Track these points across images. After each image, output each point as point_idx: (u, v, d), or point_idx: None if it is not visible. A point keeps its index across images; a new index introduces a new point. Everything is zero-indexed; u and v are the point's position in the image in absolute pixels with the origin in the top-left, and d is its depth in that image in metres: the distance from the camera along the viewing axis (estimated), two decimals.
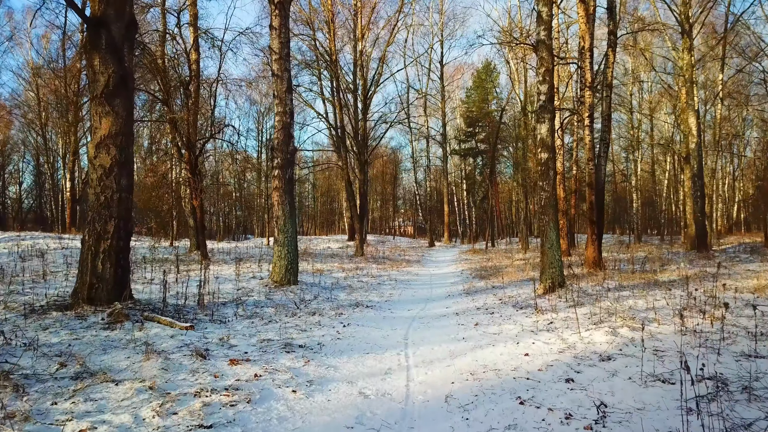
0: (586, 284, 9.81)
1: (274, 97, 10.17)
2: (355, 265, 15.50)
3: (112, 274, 6.42)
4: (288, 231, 10.08)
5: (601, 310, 6.96)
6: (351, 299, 9.00)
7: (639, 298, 8.09)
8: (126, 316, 5.92)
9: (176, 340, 5.09)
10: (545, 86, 9.34)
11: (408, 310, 8.24)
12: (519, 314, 7.16)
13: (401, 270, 15.61)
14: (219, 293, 8.75)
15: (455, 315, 7.45)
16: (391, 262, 18.18)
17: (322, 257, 18.05)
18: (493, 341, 5.51)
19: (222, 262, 14.65)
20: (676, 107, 33.09)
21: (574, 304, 7.59)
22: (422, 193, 38.75)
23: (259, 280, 10.55)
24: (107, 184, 6.44)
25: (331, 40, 18.94)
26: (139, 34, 14.63)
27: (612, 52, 14.13)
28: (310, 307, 7.64)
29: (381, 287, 11.30)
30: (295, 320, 6.58)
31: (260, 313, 6.94)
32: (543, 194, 9.35)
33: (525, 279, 11.64)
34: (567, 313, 6.89)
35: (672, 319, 6.29)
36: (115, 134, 6.47)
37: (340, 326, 6.35)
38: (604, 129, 14.35)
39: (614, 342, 5.19)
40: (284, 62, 10.06)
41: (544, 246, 9.25)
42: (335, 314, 7.13)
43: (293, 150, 10.30)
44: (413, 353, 5.13)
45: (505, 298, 9.07)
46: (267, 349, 4.92)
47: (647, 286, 9.38)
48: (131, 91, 6.82)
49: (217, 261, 14.87)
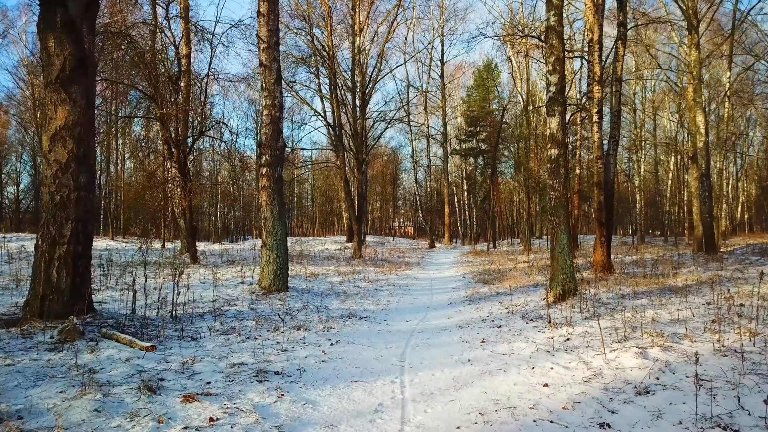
0: (597, 290, 8.97)
1: (262, 89, 9.33)
2: (351, 269, 14.65)
3: (69, 283, 5.57)
4: (277, 233, 9.24)
5: (622, 324, 6.12)
6: (343, 309, 8.15)
7: (659, 307, 7.26)
8: (80, 333, 5.08)
9: (130, 365, 4.25)
10: (555, 76, 8.49)
11: (406, 321, 7.39)
12: (530, 328, 6.31)
13: (400, 273, 14.76)
14: (200, 301, 7.92)
15: (458, 328, 6.60)
16: (389, 264, 17.34)
17: (319, 260, 17.21)
18: (504, 365, 4.66)
19: (212, 265, 13.81)
20: (681, 106, 32.29)
21: (590, 315, 6.74)
22: (422, 193, 37.89)
23: (248, 286, 9.71)
24: (63, 182, 5.59)
25: (329, 35, 18.11)
26: (126, 27, 13.82)
27: (622, 45, 13.28)
28: (297, 319, 6.79)
29: (378, 293, 10.45)
30: (277, 336, 5.73)
31: (239, 327, 6.09)
32: (552, 194, 8.50)
33: (531, 285, 10.79)
34: (584, 327, 6.04)
35: (704, 335, 5.46)
36: (73, 125, 5.63)
37: (327, 344, 5.50)
38: (614, 126, 13.50)
39: (648, 367, 4.34)
40: (273, 51, 9.22)
41: (554, 250, 8.40)
42: (323, 328, 6.28)
43: (282, 146, 9.47)
44: (410, 381, 4.28)
45: (512, 306, 8.22)
46: (235, 378, 4.07)
47: (663, 292, 8.56)
48: (92, 76, 5.98)
49: (206, 264, 14.02)
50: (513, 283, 11.18)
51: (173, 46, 14.01)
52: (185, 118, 15.01)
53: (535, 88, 31.69)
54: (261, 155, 9.32)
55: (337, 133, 17.49)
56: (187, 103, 14.75)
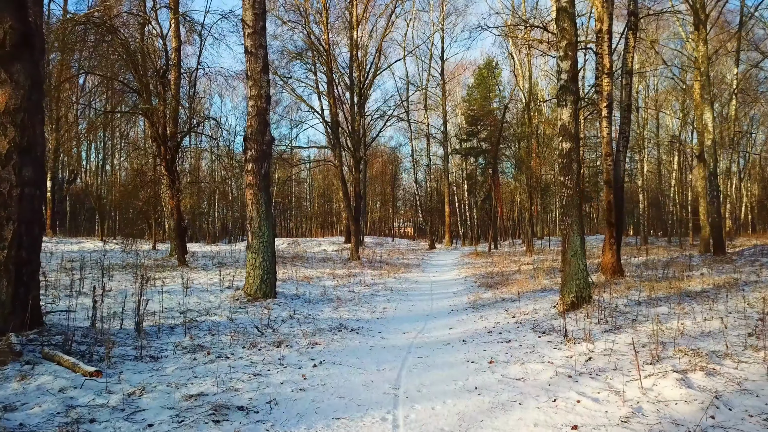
0: (610, 296, 8.14)
1: (248, 78, 8.49)
2: (348, 271, 13.81)
3: (10, 294, 4.74)
4: (264, 235, 8.40)
5: (648, 338, 5.29)
6: (335, 318, 7.31)
7: (682, 316, 6.47)
8: (16, 354, 4.25)
9: (60, 399, 3.41)
10: (567, 63, 7.65)
11: (403, 333, 6.55)
12: (543, 343, 5.47)
13: (399, 276, 13.92)
14: (177, 310, 7.09)
15: (462, 343, 5.75)
16: (388, 267, 16.50)
17: (315, 261, 16.38)
18: (519, 395, 3.82)
19: (201, 268, 12.97)
20: (684, 104, 31.45)
21: (610, 328, 5.91)
22: (422, 193, 37.01)
23: (234, 291, 8.88)
24: (3, 176, 4.76)
25: (325, 29, 17.27)
26: (109, 17, 12.99)
27: (632, 36, 12.45)
28: (279, 332, 5.95)
29: (374, 299, 9.61)
30: (252, 355, 4.89)
31: (211, 343, 5.25)
32: (564, 192, 7.66)
33: (538, 290, 9.95)
34: (606, 343, 5.20)
35: (746, 353, 4.65)
36: (15, 110, 4.79)
37: (310, 365, 4.65)
38: (624, 121, 12.67)
39: (696, 400, 3.50)
40: (259, 37, 8.38)
41: (565, 253, 7.56)
42: (308, 344, 5.43)
43: (270, 140, 8.63)
44: (405, 417, 3.44)
45: (520, 315, 7.39)
46: (186, 417, 3.23)
47: (681, 298, 7.74)
48: (38, 55, 5.14)
49: (196, 267, 13.19)
50: (518, 287, 10.34)
51: (160, 38, 13.18)
52: (174, 114, 14.19)
53: (537, 87, 30.86)
54: (246, 150, 8.48)
55: (334, 130, 16.65)
56: (176, 98, 13.93)
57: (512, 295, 9.52)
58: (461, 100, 36.27)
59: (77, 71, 15.63)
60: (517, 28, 18.74)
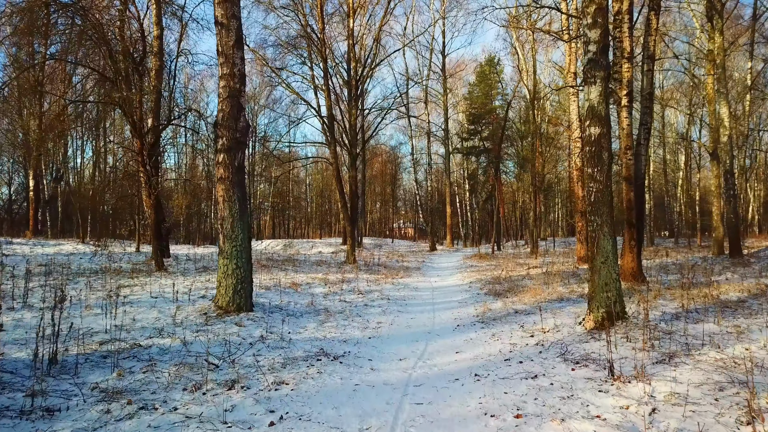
0: (640, 307, 6.79)
1: (218, 55, 7.13)
2: (341, 276, 12.46)
3: None
4: (237, 238, 7.05)
5: (717, 373, 3.95)
6: (317, 340, 5.94)
7: (740, 337, 5.20)
8: None
9: None
10: (596, 31, 6.28)
11: (399, 359, 5.19)
12: (582, 381, 4.10)
13: (397, 282, 12.56)
14: (128, 328, 5.74)
15: (474, 379, 4.38)
16: (386, 270, 15.15)
17: (307, 265, 15.01)
18: None
19: (180, 273, 11.61)
20: (693, 101, 30.01)
21: (662, 357, 4.55)
22: (423, 194, 35.61)
23: (209, 301, 7.54)
24: None
25: (320, 16, 15.91)
26: None
27: (655, 17, 11.12)
28: (240, 363, 4.58)
29: (367, 311, 8.24)
30: (191, 403, 3.53)
31: (141, 383, 3.88)
32: (593, 186, 6.29)
33: (554, 299, 8.58)
34: (667, 382, 3.84)
35: None
36: None
37: (265, 423, 3.27)
38: (645, 111, 11.34)
39: None
40: (231, 6, 7.03)
41: (594, 260, 6.19)
42: (273, 383, 4.05)
43: (245, 127, 7.27)
44: None
45: (540, 334, 6.02)
46: None
47: (721, 310, 6.42)
48: None
49: (175, 272, 11.83)
50: (532, 296, 8.98)
51: (136, 20, 11.87)
52: (156, 105, 12.86)
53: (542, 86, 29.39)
54: (217, 138, 7.13)
55: (330, 125, 15.29)
56: (157, 88, 12.60)
57: (526, 306, 8.15)
58: (462, 98, 34.88)
59: (42, 59, 14.29)
60: (522, 15, 17.37)
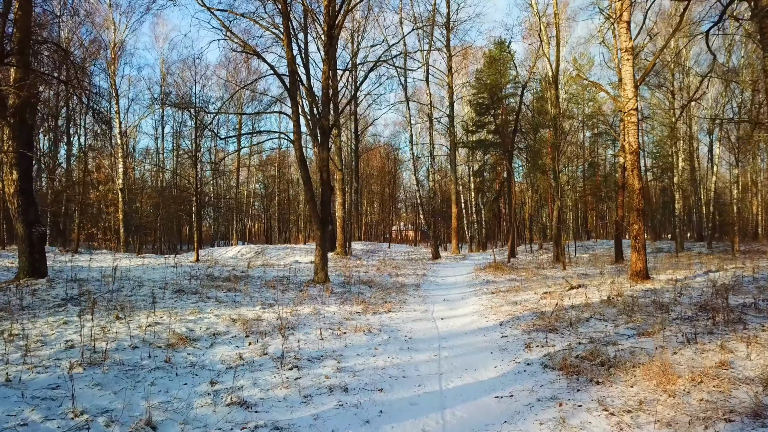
0: None
1: None
2: (293, 312, 7.37)
3: None
4: None
5: None
6: None
7: None
8: None
9: None
10: None
11: None
12: None
13: (382, 321, 7.43)
14: None
15: None
16: (372, 292, 10.04)
17: (256, 287, 9.86)
18: None
19: (39, 306, 6.56)
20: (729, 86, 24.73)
21: None
22: (423, 194, 30.37)
23: None
24: None
25: None
26: None
27: None
28: None
29: (307, 409, 3.12)
30: None
31: None
32: None
33: (730, 411, 3.41)
34: None
35: None
36: None
37: None
38: None
39: None
40: None
41: None
42: None
43: None
44: None
45: None
46: None
47: None
48: None
49: (33, 306, 6.78)
50: (655, 384, 3.82)
51: None
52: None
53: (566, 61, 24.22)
54: None
55: (292, 85, 10.13)
56: None
57: (659, 419, 3.01)
58: (469, 87, 29.64)
59: None
60: None
